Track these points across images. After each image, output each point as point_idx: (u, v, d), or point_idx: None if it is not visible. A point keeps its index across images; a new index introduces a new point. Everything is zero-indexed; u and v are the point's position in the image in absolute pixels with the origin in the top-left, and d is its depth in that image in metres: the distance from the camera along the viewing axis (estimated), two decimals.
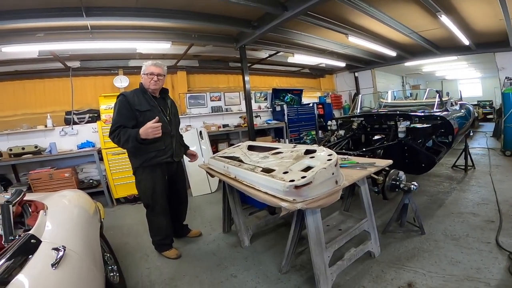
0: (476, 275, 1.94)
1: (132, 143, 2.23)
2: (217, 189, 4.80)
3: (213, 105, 6.76)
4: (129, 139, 2.22)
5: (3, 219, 1.29)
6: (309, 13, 4.03)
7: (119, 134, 2.25)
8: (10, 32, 3.61)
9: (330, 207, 1.90)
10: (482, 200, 3.26)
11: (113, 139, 2.30)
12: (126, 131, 2.25)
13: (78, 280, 1.22)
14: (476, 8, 4.39)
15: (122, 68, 5.64)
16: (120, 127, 2.27)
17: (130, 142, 2.23)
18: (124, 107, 2.33)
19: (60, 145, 4.68)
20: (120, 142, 2.27)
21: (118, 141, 2.27)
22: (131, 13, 3.49)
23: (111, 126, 2.31)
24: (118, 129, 2.27)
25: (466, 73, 13.05)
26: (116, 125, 2.28)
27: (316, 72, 9.45)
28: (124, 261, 2.61)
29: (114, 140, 2.30)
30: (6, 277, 0.94)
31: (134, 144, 2.24)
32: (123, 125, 2.28)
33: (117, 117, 2.32)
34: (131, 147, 2.31)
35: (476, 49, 6.63)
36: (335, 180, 1.74)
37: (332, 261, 1.95)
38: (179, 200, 2.84)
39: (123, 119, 2.30)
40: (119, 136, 2.25)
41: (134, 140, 2.22)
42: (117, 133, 2.26)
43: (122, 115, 2.31)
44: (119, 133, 2.25)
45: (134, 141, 2.22)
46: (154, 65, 2.45)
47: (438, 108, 4.16)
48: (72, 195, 2.15)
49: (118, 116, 2.31)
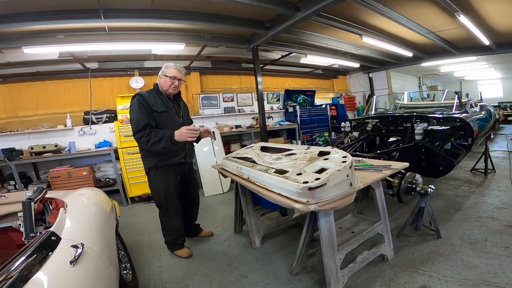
0: (493, 279, 1.88)
1: (165, 143, 2.20)
2: (229, 189, 4.82)
3: (225, 106, 6.80)
4: (162, 139, 2.19)
5: (25, 216, 1.30)
6: (322, 13, 3.99)
7: (150, 134, 2.21)
8: (31, 34, 3.75)
9: (343, 209, 1.88)
10: (502, 204, 3.14)
11: (141, 138, 2.23)
12: (158, 131, 2.23)
13: (95, 277, 1.22)
14: (496, 7, 4.25)
15: (137, 69, 5.77)
16: (147, 125, 2.24)
17: (162, 143, 2.20)
18: (144, 106, 2.29)
19: (78, 144, 4.83)
20: (149, 142, 2.21)
21: (147, 141, 2.21)
22: (146, 14, 3.57)
23: (136, 125, 2.25)
24: (148, 129, 2.23)
25: (486, 74, 12.59)
26: (143, 124, 2.23)
27: (329, 73, 9.36)
28: (137, 259, 2.66)
29: (142, 139, 2.23)
30: (26, 274, 0.94)
31: (166, 145, 2.21)
32: (149, 124, 2.25)
33: (140, 115, 2.26)
34: (162, 147, 2.24)
35: (497, 49, 6.41)
36: (350, 182, 1.72)
37: (343, 264, 1.92)
38: (191, 200, 2.87)
39: (147, 117, 2.26)
40: (150, 136, 2.20)
41: (168, 141, 2.19)
42: (147, 133, 2.21)
43: (145, 114, 2.27)
44: (149, 133, 2.21)
45: (168, 141, 2.20)
46: (177, 69, 2.43)
47: (457, 109, 4.03)
48: (90, 193, 2.19)
49: (141, 114, 2.26)
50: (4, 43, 3.81)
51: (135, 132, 2.27)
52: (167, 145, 2.22)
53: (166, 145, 2.22)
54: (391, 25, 4.68)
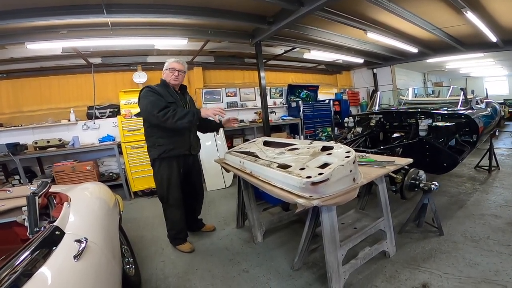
0: (493, 277, 1.88)
1: (191, 117, 2.28)
2: (231, 184, 4.84)
3: (228, 101, 6.79)
4: (189, 114, 2.29)
5: (29, 211, 1.29)
6: (326, 8, 3.93)
7: (176, 109, 2.28)
8: (34, 30, 3.75)
9: (345, 205, 1.88)
10: (505, 202, 3.12)
11: (166, 114, 2.24)
12: (182, 109, 2.36)
13: (98, 272, 1.22)
14: (504, 4, 4.18)
15: (140, 64, 5.76)
16: (168, 106, 2.29)
17: (188, 116, 2.27)
18: (155, 94, 2.36)
19: (82, 139, 4.85)
20: (175, 116, 2.24)
21: (173, 115, 2.24)
22: (149, 9, 3.56)
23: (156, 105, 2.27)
24: (172, 107, 2.29)
25: (492, 71, 12.41)
26: (164, 103, 2.29)
27: (332, 68, 9.28)
28: (140, 254, 2.68)
29: (168, 114, 2.24)
30: (30, 269, 0.93)
31: (192, 119, 2.29)
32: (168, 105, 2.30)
33: (157, 101, 2.31)
34: (188, 121, 2.29)
35: (504, 46, 6.31)
36: (353, 177, 1.71)
37: (345, 260, 1.93)
38: (195, 194, 2.89)
39: (163, 102, 2.31)
40: (176, 111, 2.26)
41: (195, 115, 2.30)
42: (172, 109, 2.27)
43: (160, 100, 2.32)
44: (175, 109, 2.28)
45: (194, 116, 2.30)
46: (176, 61, 2.57)
47: (462, 106, 3.98)
48: (94, 187, 2.20)
49: (157, 100, 2.31)
50: (8, 39, 3.81)
51: (159, 110, 2.26)
52: (193, 119, 2.31)
53: (192, 119, 2.30)
54: (396, 20, 4.62)
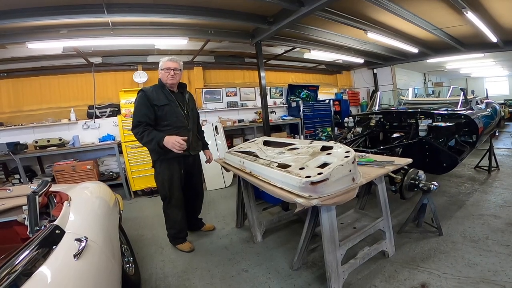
0: (492, 277, 1.89)
1: (154, 146, 2.35)
2: (231, 183, 4.85)
3: (228, 100, 6.79)
4: (152, 141, 2.33)
5: (29, 210, 1.30)
6: (326, 8, 3.93)
7: (143, 132, 2.35)
8: (35, 29, 3.75)
9: (345, 205, 1.88)
10: (504, 202, 3.13)
11: (136, 135, 2.40)
12: (151, 132, 2.36)
13: (98, 271, 1.22)
14: (505, 4, 4.17)
15: (141, 63, 5.76)
16: (142, 123, 2.37)
17: (152, 144, 2.34)
18: (143, 103, 2.41)
19: (82, 138, 4.86)
20: (142, 140, 2.38)
21: (140, 138, 2.38)
22: (149, 9, 3.56)
23: (133, 121, 2.42)
24: (142, 127, 2.36)
25: (493, 71, 12.41)
26: (137, 121, 2.39)
27: (332, 68, 9.28)
28: (140, 253, 2.69)
29: (137, 136, 2.40)
30: (30, 268, 0.93)
31: (155, 147, 2.37)
32: (145, 122, 2.38)
33: (137, 112, 2.41)
34: (151, 148, 2.46)
35: (505, 46, 6.31)
36: (352, 177, 1.71)
37: (344, 259, 1.93)
38: (195, 194, 2.90)
39: (142, 115, 2.40)
40: (143, 135, 2.35)
41: (156, 145, 2.34)
42: (141, 131, 2.36)
43: (141, 112, 2.40)
44: (143, 132, 2.35)
45: (156, 145, 2.34)
46: (170, 60, 2.53)
47: (462, 106, 3.98)
48: (94, 186, 2.20)
49: (138, 112, 2.41)
50: (8, 39, 3.82)
51: (132, 128, 2.42)
52: (155, 147, 2.36)
53: (154, 148, 2.38)
54: (397, 20, 4.62)
